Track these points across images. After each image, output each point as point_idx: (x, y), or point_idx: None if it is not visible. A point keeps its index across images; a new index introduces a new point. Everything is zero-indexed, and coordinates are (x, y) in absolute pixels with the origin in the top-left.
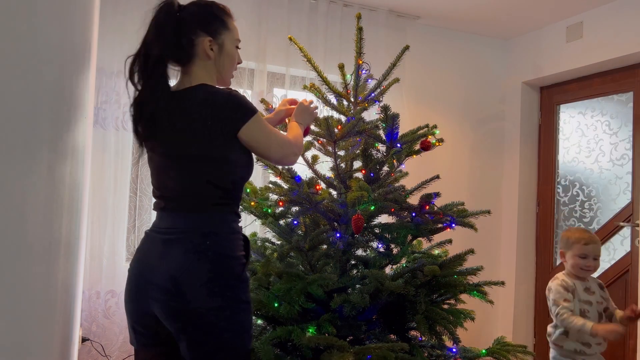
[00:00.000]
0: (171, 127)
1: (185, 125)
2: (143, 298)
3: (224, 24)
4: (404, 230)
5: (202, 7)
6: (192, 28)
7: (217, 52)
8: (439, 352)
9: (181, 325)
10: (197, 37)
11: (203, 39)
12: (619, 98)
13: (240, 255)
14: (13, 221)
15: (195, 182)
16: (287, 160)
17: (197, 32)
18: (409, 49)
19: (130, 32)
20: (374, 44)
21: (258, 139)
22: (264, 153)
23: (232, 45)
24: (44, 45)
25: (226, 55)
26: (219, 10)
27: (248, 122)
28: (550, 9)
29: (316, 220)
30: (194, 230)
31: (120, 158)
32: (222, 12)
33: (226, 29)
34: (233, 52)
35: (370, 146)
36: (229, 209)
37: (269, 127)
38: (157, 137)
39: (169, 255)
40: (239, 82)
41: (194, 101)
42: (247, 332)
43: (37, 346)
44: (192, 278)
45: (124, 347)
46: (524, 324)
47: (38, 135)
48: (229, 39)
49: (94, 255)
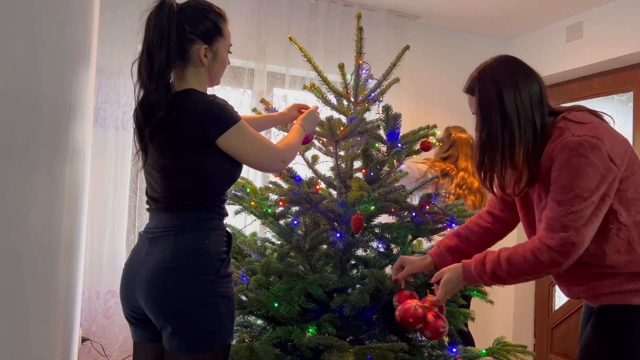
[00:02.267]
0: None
1: (167, 131)
2: (132, 295)
3: (220, 31)
4: (404, 230)
5: (200, 13)
6: (190, 34)
7: (210, 59)
8: (439, 352)
9: (161, 318)
10: (193, 44)
11: (199, 46)
12: (619, 98)
13: (220, 251)
14: (13, 221)
15: (177, 184)
16: (271, 167)
17: (193, 38)
18: (409, 49)
19: (130, 32)
20: (374, 44)
21: (238, 147)
22: (245, 161)
23: (225, 51)
24: (43, 45)
25: (219, 61)
26: (216, 17)
27: (227, 132)
28: (550, 9)
29: (316, 220)
30: (174, 228)
31: (120, 158)
32: (220, 18)
33: (221, 37)
34: (225, 58)
35: (371, 146)
36: (210, 208)
37: (252, 135)
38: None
39: (152, 253)
40: (239, 82)
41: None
42: (225, 327)
43: (37, 346)
44: (170, 273)
45: (124, 347)
46: (524, 324)
47: (38, 135)
48: (223, 46)
49: (94, 255)
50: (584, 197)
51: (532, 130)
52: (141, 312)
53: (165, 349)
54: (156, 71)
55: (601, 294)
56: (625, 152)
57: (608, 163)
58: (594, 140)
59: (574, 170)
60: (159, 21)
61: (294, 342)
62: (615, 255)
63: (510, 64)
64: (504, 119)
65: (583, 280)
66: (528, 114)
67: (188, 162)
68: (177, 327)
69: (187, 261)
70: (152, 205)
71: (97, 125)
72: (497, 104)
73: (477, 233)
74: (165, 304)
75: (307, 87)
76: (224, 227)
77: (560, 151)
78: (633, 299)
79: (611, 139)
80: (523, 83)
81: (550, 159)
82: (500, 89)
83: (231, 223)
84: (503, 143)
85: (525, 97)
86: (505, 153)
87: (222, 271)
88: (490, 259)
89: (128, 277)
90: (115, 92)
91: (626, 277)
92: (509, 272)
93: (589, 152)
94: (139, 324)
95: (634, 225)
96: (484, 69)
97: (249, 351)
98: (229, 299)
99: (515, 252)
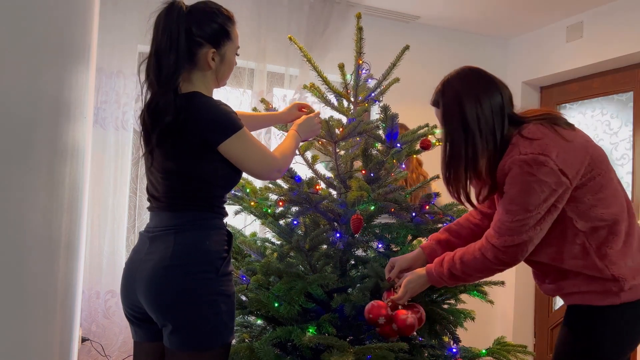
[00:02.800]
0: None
1: (171, 133)
2: (133, 293)
3: (228, 35)
4: (404, 230)
5: (209, 16)
6: (198, 37)
7: (218, 62)
8: (439, 352)
9: (161, 316)
10: (201, 48)
11: (207, 50)
12: (619, 98)
13: (220, 249)
14: (13, 221)
15: (179, 185)
16: (267, 176)
17: (201, 42)
18: (409, 49)
19: (130, 32)
20: (374, 44)
21: (238, 155)
22: (243, 168)
23: (233, 54)
24: (43, 45)
25: (226, 64)
26: (225, 20)
27: (229, 139)
28: (550, 9)
29: (316, 220)
30: (175, 227)
31: (120, 158)
32: (228, 21)
33: (229, 40)
34: (232, 61)
35: (370, 146)
36: (211, 207)
37: (253, 143)
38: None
39: (153, 251)
40: (239, 82)
41: (182, 111)
42: (225, 325)
43: (37, 346)
44: (170, 271)
45: (124, 347)
46: (524, 324)
47: (38, 135)
48: (230, 49)
49: (94, 255)
50: (529, 210)
51: (493, 141)
52: (142, 311)
53: (166, 347)
54: (164, 76)
55: (568, 293)
56: (582, 162)
57: (558, 177)
58: (540, 157)
59: (521, 187)
60: (167, 24)
61: (294, 342)
62: (571, 260)
63: (471, 76)
64: (466, 131)
65: (551, 279)
66: (490, 125)
67: (190, 166)
68: (178, 325)
69: (187, 259)
70: (153, 205)
71: (97, 125)
72: (459, 117)
73: (467, 228)
74: (166, 302)
75: (307, 87)
76: (225, 227)
77: (510, 167)
78: (593, 300)
79: (563, 151)
80: (484, 95)
81: (503, 173)
82: (461, 101)
83: (231, 223)
84: (466, 155)
85: (486, 108)
86: (469, 164)
87: (222, 270)
88: (447, 260)
89: (129, 276)
90: (115, 92)
91: (584, 279)
92: (463, 270)
93: (535, 170)
94: (139, 323)
95: (590, 232)
96: (447, 82)
97: (249, 351)
98: (229, 297)
99: (467, 251)
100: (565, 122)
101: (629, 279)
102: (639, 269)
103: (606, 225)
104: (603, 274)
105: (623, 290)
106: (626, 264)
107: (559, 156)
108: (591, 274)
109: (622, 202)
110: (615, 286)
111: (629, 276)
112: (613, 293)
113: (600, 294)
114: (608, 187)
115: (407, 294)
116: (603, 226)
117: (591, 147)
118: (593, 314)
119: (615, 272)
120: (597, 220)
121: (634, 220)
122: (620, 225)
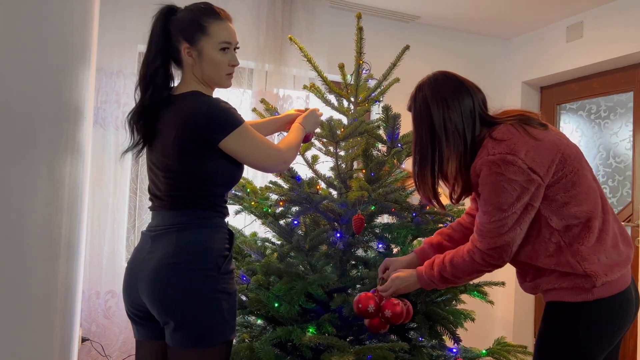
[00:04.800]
0: (160, 132)
1: (170, 132)
2: (135, 292)
3: (201, 29)
4: (405, 230)
5: (186, 12)
6: (175, 35)
7: (196, 58)
8: (439, 352)
9: (163, 314)
10: (179, 44)
11: (183, 46)
12: (619, 98)
13: (222, 248)
14: (13, 221)
15: (180, 184)
16: (273, 169)
17: (178, 38)
18: (409, 49)
19: (130, 31)
20: (374, 44)
21: (240, 150)
22: (247, 162)
23: (214, 50)
24: (43, 45)
25: (206, 61)
26: (199, 15)
27: (229, 135)
28: (550, 9)
29: (316, 220)
30: (177, 225)
31: (120, 158)
32: (205, 16)
33: (204, 35)
34: (215, 57)
35: (371, 146)
36: (212, 206)
37: (255, 137)
38: (151, 142)
39: (155, 250)
40: (238, 82)
41: (179, 110)
42: (226, 322)
43: (37, 346)
44: (172, 269)
45: (124, 347)
46: (524, 324)
47: (38, 135)
48: (208, 45)
49: (94, 255)
50: (503, 210)
51: (463, 144)
52: (144, 309)
53: (168, 345)
54: (149, 75)
55: (545, 290)
56: (552, 159)
57: (528, 174)
58: (508, 156)
59: (491, 187)
60: (153, 25)
61: (294, 342)
62: (546, 257)
63: (441, 81)
64: (432, 134)
65: (529, 277)
66: (459, 128)
67: (191, 164)
68: (180, 322)
69: (189, 257)
70: (154, 204)
71: (97, 125)
72: (427, 121)
73: (459, 231)
74: (168, 300)
75: (307, 86)
76: (226, 225)
77: (480, 168)
78: (567, 296)
79: (532, 150)
80: (452, 98)
81: (475, 175)
82: (429, 105)
83: (232, 223)
84: (433, 157)
85: (454, 112)
86: (435, 167)
87: (223, 268)
88: (437, 262)
89: (131, 275)
90: (115, 92)
91: (559, 276)
92: (452, 273)
93: (503, 169)
94: (141, 322)
95: (564, 230)
96: (419, 87)
97: (249, 351)
98: (231, 295)
99: (457, 254)
100: (538, 122)
101: (601, 275)
102: (613, 265)
103: (580, 223)
104: (575, 270)
105: (595, 287)
106: (599, 260)
107: (527, 155)
108: (564, 270)
109: (597, 199)
110: (588, 282)
111: (601, 272)
112: (585, 289)
113: (573, 290)
114: (581, 185)
115: (391, 289)
116: (577, 224)
117: (563, 145)
118: (568, 311)
119: (587, 269)
120: (570, 218)
121: (609, 217)
122: (594, 222)
